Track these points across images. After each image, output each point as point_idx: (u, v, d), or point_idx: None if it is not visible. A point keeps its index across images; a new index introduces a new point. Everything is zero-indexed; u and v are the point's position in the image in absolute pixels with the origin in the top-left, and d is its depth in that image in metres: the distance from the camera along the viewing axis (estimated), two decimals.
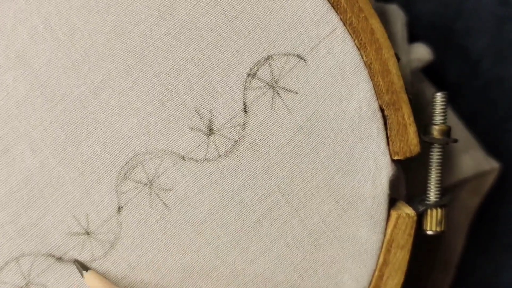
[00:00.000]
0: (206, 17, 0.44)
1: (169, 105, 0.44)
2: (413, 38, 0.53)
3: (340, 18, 0.45)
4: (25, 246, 0.44)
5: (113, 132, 0.44)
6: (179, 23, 0.44)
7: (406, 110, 0.46)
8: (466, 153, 0.53)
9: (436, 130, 0.47)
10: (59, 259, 0.45)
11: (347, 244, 0.47)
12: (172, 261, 0.46)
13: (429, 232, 0.48)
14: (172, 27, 0.44)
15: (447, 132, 0.47)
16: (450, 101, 0.54)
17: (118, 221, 0.45)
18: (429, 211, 0.48)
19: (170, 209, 0.45)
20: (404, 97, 0.46)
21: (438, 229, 0.48)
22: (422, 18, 0.55)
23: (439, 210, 0.48)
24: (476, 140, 0.54)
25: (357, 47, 0.46)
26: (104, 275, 0.45)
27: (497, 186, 0.55)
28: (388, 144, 0.46)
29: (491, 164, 0.54)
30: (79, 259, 0.45)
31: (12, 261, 0.44)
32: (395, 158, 0.46)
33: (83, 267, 0.44)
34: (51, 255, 0.45)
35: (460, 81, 0.57)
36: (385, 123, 0.46)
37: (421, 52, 0.51)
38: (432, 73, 0.54)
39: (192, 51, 0.44)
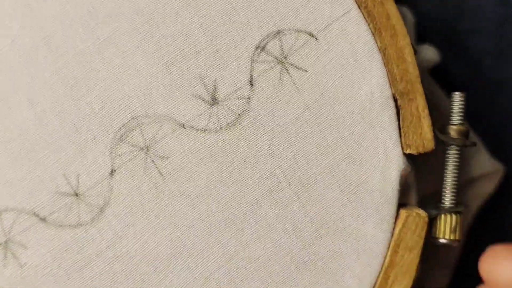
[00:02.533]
0: None
1: (174, 70, 0.43)
2: (414, 38, 0.52)
3: (355, 0, 0.44)
4: (10, 200, 0.42)
5: (114, 91, 0.43)
6: None
7: (420, 102, 0.44)
8: (473, 155, 0.51)
9: (453, 130, 0.45)
10: (43, 219, 0.42)
11: (350, 239, 0.44)
12: (162, 234, 0.43)
13: (442, 241, 0.45)
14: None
15: (465, 133, 0.45)
16: None
17: (110, 185, 0.43)
18: (443, 216, 0.45)
19: (164, 178, 0.43)
20: (419, 87, 0.44)
21: (452, 237, 0.45)
22: (423, 18, 0.54)
23: (453, 216, 0.45)
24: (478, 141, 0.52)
25: (371, 31, 0.44)
26: (88, 243, 0.43)
27: (500, 187, 0.53)
28: (400, 136, 0.44)
29: (495, 166, 0.51)
30: (65, 223, 0.42)
31: None
32: (407, 151, 0.44)
33: None
34: (35, 214, 0.42)
35: (462, 81, 0.55)
36: (398, 114, 0.44)
37: (429, 54, 0.50)
38: (434, 73, 0.52)
39: (201, 17, 0.43)
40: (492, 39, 0.56)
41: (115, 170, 0.43)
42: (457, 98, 0.46)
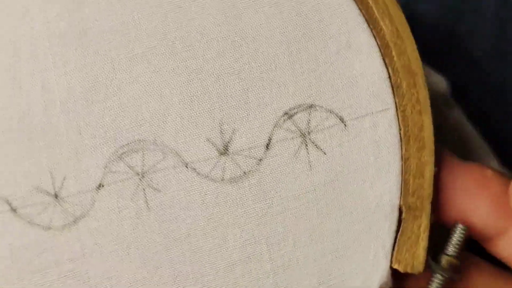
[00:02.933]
0: (268, 39, 0.42)
1: (196, 106, 0.41)
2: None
3: (395, 101, 0.43)
4: None
5: (130, 108, 0.41)
6: (241, 33, 0.42)
7: (424, 222, 0.43)
8: (480, 161, 0.50)
9: (445, 260, 0.44)
10: (14, 210, 0.40)
11: None
12: (127, 267, 0.41)
13: None
14: (232, 34, 0.42)
15: (455, 268, 0.44)
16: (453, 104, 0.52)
17: (93, 199, 0.41)
18: None
19: (149, 211, 0.41)
20: (427, 207, 0.43)
21: None
22: (423, 20, 0.53)
23: None
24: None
25: (400, 137, 0.43)
26: (51, 249, 0.40)
27: None
28: (393, 249, 0.43)
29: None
30: (36, 221, 0.40)
31: None
32: (395, 266, 0.43)
33: None
34: (8, 201, 0.40)
35: (463, 83, 0.54)
36: (398, 226, 0.43)
37: (439, 84, 0.49)
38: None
39: (241, 65, 0.42)
40: (494, 41, 0.55)
41: (103, 186, 0.41)
42: (459, 230, 0.44)
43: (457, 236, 0.44)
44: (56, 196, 0.40)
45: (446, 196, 0.44)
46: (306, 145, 0.42)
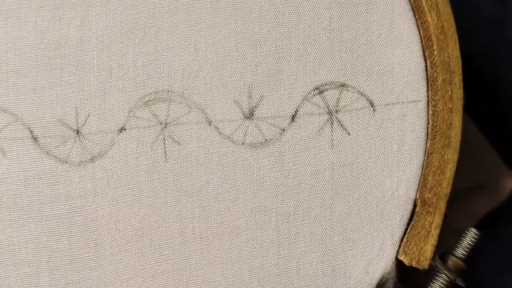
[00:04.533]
0: (311, 12, 0.42)
1: (229, 66, 0.41)
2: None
3: (428, 95, 0.43)
4: (13, 104, 0.40)
5: (164, 56, 0.41)
6: (285, 1, 0.42)
7: (436, 219, 0.43)
8: (483, 160, 0.50)
9: (452, 261, 0.44)
10: (34, 138, 0.40)
11: None
12: (135, 212, 0.41)
13: None
14: (278, 0, 0.42)
15: (461, 271, 0.44)
16: None
17: (113, 140, 0.41)
18: None
19: (166, 161, 0.41)
20: (442, 206, 0.43)
21: None
22: None
23: None
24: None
25: (427, 131, 0.43)
26: (64, 183, 0.40)
27: None
28: (401, 240, 0.43)
29: (507, 173, 0.50)
30: (53, 153, 0.40)
31: None
32: (401, 258, 0.42)
33: None
34: (30, 129, 0.40)
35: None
36: (410, 219, 0.43)
37: None
38: None
39: (280, 33, 0.42)
40: (490, 40, 0.54)
41: (125, 129, 0.41)
42: (471, 235, 0.44)
43: (468, 240, 0.44)
44: (77, 131, 0.41)
45: None
46: (332, 123, 0.42)
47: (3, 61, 0.40)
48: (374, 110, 0.42)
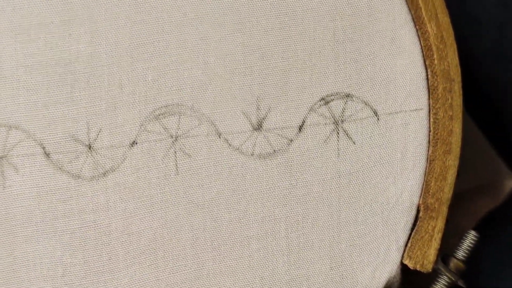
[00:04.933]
0: (316, 24, 0.43)
1: (237, 79, 0.42)
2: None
3: (429, 103, 0.44)
4: (25, 121, 0.40)
5: (173, 71, 0.41)
6: (290, 14, 0.42)
7: (439, 224, 0.44)
8: (484, 160, 0.51)
9: (454, 263, 0.45)
10: (47, 154, 0.41)
11: None
12: (148, 225, 0.41)
13: None
14: (281, 13, 0.42)
15: (462, 272, 0.45)
16: None
17: (124, 154, 0.41)
18: None
19: (177, 174, 0.42)
20: (444, 211, 0.44)
21: None
22: None
23: None
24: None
25: (428, 138, 0.44)
26: (77, 197, 0.41)
27: None
28: (405, 245, 0.44)
29: (507, 173, 0.51)
30: (66, 168, 0.41)
31: (6, 126, 0.40)
32: (405, 262, 0.44)
33: None
34: (42, 145, 0.41)
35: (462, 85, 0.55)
36: (414, 224, 0.44)
37: None
38: None
39: (286, 45, 0.42)
40: (492, 43, 0.55)
41: (136, 143, 0.41)
42: (470, 237, 0.45)
43: (468, 242, 0.45)
44: (89, 146, 0.41)
45: None
46: (338, 132, 0.43)
47: (14, 78, 0.40)
48: (378, 119, 0.43)
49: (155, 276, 0.42)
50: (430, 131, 0.44)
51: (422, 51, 0.44)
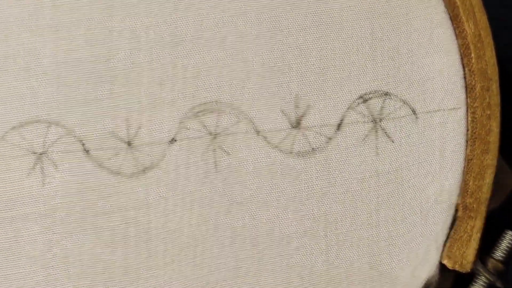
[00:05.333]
0: (354, 23, 0.43)
1: (276, 76, 0.42)
2: None
3: (467, 102, 0.44)
4: (65, 117, 0.40)
5: (213, 67, 0.41)
6: (327, 12, 0.42)
7: (478, 223, 0.44)
8: None
9: (492, 263, 0.45)
10: (86, 151, 0.41)
11: None
12: (187, 222, 0.41)
13: None
14: (319, 11, 0.42)
15: (500, 272, 0.45)
16: None
17: (164, 151, 0.41)
18: None
19: (217, 172, 0.41)
20: (483, 210, 0.44)
21: None
22: None
23: None
24: None
25: (467, 137, 0.44)
26: (117, 194, 0.41)
27: None
28: (444, 244, 0.43)
29: (507, 173, 0.50)
30: (106, 165, 0.41)
31: (46, 123, 0.40)
32: (444, 261, 0.43)
33: None
34: (82, 142, 0.40)
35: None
36: (452, 224, 0.44)
37: None
38: None
39: (324, 43, 0.42)
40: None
41: (176, 140, 0.41)
42: (509, 237, 0.45)
43: (506, 242, 0.45)
44: (129, 143, 0.41)
45: None
46: (376, 131, 0.43)
47: (54, 75, 0.40)
48: (416, 117, 0.43)
49: (194, 274, 0.41)
50: (468, 130, 0.44)
51: (460, 50, 0.44)
